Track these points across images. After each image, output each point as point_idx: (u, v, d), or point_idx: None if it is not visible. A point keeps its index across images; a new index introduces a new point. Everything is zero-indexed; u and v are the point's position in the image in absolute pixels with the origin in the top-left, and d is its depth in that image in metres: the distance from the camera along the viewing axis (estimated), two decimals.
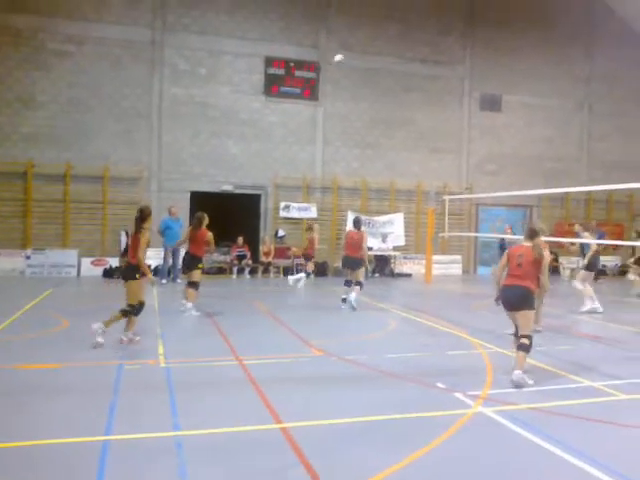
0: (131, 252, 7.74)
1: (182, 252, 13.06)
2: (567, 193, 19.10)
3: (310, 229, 14.52)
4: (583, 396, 5.89)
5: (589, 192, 19.73)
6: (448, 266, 19.04)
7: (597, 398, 5.85)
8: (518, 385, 6.00)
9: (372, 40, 18.64)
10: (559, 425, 5.04)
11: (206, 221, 10.16)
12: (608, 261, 19.74)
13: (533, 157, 20.39)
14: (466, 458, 4.36)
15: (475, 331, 9.12)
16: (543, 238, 6.93)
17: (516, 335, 6.46)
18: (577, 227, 12.86)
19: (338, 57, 17.08)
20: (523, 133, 20.34)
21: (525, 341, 6.21)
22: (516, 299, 6.32)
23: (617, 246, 18.80)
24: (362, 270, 11.31)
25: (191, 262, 10.18)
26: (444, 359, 7.36)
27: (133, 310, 7.58)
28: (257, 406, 5.32)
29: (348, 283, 11.34)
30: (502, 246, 14.64)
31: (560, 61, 20.58)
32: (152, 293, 12.96)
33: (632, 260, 14.92)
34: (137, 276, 7.55)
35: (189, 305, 9.90)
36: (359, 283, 11.15)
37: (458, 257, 19.44)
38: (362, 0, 18.49)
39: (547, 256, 6.77)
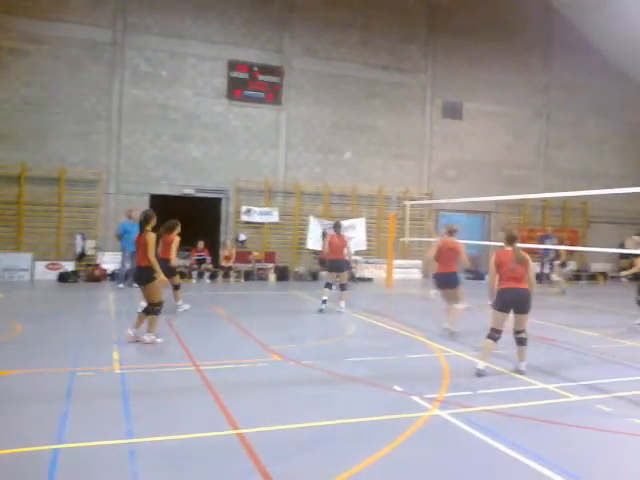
0: (140, 255, 7.93)
1: None
2: (525, 199, 19.50)
3: (325, 235, 15.59)
4: (537, 398, 6.01)
5: (545, 199, 20.21)
6: (409, 271, 19.21)
7: (550, 400, 5.97)
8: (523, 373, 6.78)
9: (336, 46, 18.73)
10: (513, 427, 5.12)
11: (178, 229, 10.47)
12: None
13: (493, 164, 20.78)
14: (422, 461, 4.39)
15: (434, 335, 9.22)
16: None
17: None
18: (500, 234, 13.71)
19: (347, 155, 17.86)
20: (483, 140, 20.71)
21: (524, 335, 6.90)
22: (521, 300, 6.81)
23: (572, 252, 19.38)
24: (347, 273, 11.73)
25: (169, 269, 10.11)
26: (403, 363, 7.41)
27: (160, 308, 7.93)
28: (213, 412, 5.25)
29: (329, 285, 11.44)
30: None
31: (520, 70, 21.06)
32: (108, 298, 12.71)
33: (558, 263, 16.44)
34: (154, 276, 7.80)
35: (182, 303, 10.81)
36: (344, 286, 11.46)
37: (419, 262, 19.63)
38: (326, 6, 18.57)
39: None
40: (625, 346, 9.03)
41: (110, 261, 15.86)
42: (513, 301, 6.82)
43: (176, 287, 10.74)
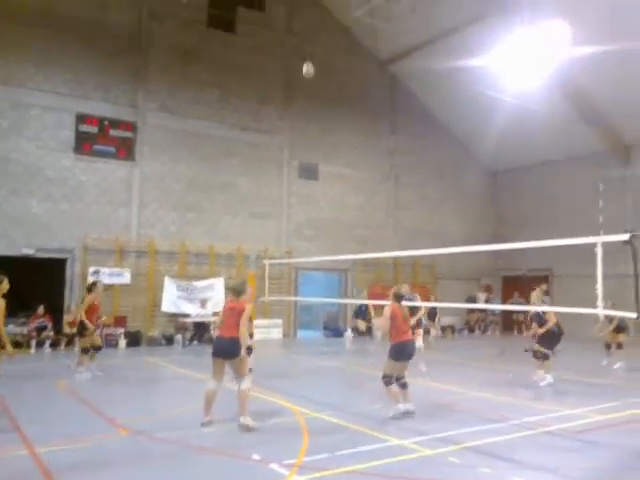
0: None
1: None
2: (377, 258, 20.39)
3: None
4: (393, 455, 6.04)
5: (396, 257, 21.29)
6: (269, 330, 19.02)
7: (406, 456, 6.03)
8: (411, 413, 7.68)
9: (193, 104, 18.65)
10: None
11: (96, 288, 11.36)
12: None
13: (346, 224, 21.61)
14: None
15: (294, 397, 9.07)
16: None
17: None
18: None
19: (308, 70, 17.08)
20: (337, 201, 21.54)
21: (406, 380, 7.86)
22: (414, 350, 8.02)
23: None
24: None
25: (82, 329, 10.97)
26: (262, 428, 7.12)
27: None
28: None
29: None
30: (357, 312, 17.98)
31: (369, 135, 22.43)
32: None
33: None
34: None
35: (81, 368, 10.86)
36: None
37: (279, 321, 19.56)
38: (182, 63, 18.51)
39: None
40: (468, 397, 9.50)
41: None
42: (408, 352, 7.82)
43: (96, 349, 11.17)
